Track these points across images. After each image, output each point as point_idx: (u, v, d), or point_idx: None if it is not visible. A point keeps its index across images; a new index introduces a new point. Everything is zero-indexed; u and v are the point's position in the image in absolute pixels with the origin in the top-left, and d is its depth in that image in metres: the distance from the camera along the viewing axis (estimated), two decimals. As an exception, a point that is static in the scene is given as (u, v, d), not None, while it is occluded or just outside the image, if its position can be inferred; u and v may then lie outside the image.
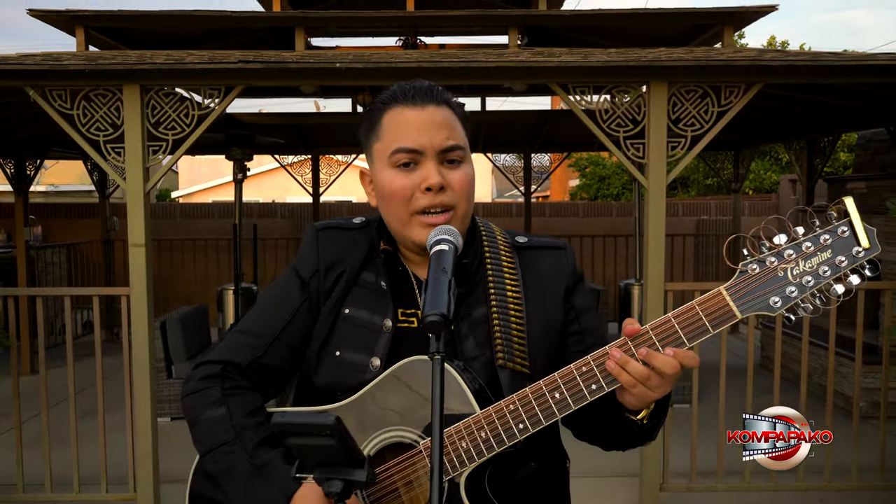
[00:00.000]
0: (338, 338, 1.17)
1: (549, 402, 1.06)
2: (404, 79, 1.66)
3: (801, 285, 1.00)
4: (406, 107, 1.16)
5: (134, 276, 3.42)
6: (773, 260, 1.02)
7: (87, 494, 3.61)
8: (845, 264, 0.99)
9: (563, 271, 1.26)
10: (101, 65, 3.24)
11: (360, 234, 1.24)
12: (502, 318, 1.17)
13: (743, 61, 3.29)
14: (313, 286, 1.22)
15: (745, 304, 1.02)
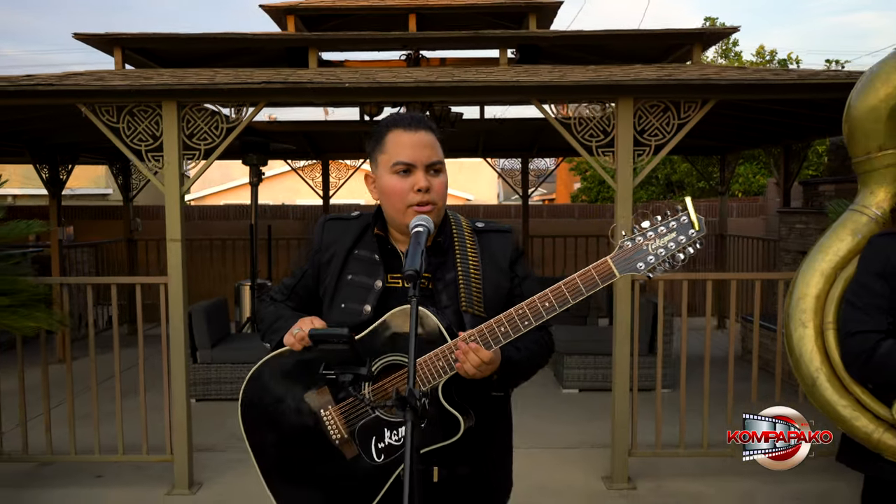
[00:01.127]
0: (342, 294, 1.69)
1: (497, 333, 1.56)
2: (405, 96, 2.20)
3: (657, 255, 1.50)
4: (404, 131, 1.67)
5: (171, 267, 3.94)
6: (640, 239, 1.52)
7: (130, 456, 4.15)
8: (684, 241, 1.50)
9: (508, 248, 1.77)
10: (144, 85, 3.77)
11: (353, 223, 1.76)
12: (465, 279, 1.68)
13: (697, 80, 3.79)
14: (315, 259, 1.78)
15: (621, 267, 1.52)
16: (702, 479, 4.07)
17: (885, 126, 2.21)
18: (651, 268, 1.51)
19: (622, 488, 4.00)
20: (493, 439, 1.75)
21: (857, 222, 2.19)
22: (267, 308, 1.86)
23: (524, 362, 1.69)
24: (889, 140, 2.20)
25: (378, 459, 1.58)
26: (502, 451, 1.80)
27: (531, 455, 4.48)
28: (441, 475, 1.66)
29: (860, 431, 1.95)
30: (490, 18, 5.96)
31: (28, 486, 4.08)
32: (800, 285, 2.16)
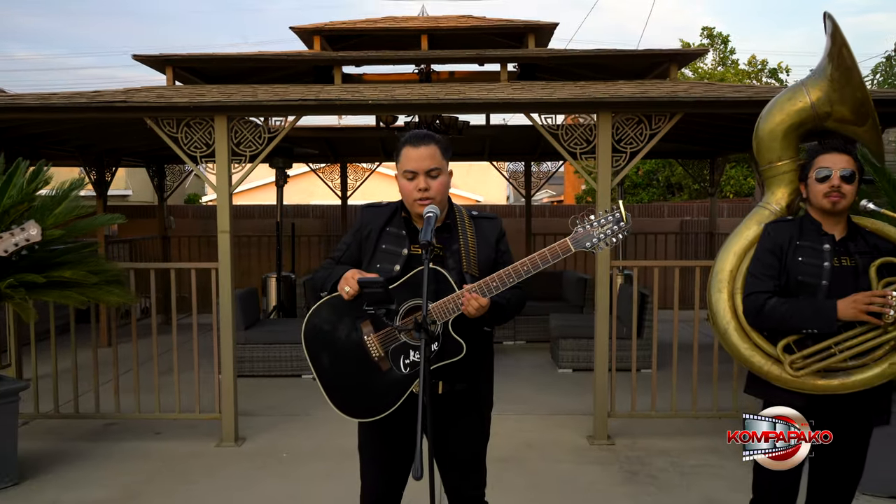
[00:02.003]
0: (377, 259, 2.38)
1: (491, 287, 2.23)
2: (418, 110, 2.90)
3: (599, 237, 2.19)
4: (412, 147, 2.37)
5: (221, 254, 4.68)
6: (588, 227, 2.21)
7: (185, 414, 4.89)
8: (617, 229, 2.19)
9: (495, 231, 2.46)
10: (199, 102, 4.51)
11: (385, 209, 2.46)
12: (465, 250, 2.37)
13: (665, 98, 4.49)
14: (357, 234, 2.47)
15: (576, 245, 2.20)
16: (670, 438, 4.75)
17: (780, 143, 2.87)
18: (595, 245, 2.22)
19: (602, 444, 4.69)
20: (482, 364, 2.44)
21: (762, 215, 2.86)
22: (324, 271, 2.53)
23: (507, 308, 2.37)
24: (784, 153, 2.87)
25: (405, 371, 2.28)
26: (488, 373, 2.49)
27: (525, 419, 5.19)
28: (444, 389, 2.36)
29: (756, 366, 2.62)
30: (494, 37, 6.67)
31: (100, 440, 4.82)
32: (718, 262, 2.84)
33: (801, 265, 2.52)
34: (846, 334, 2.41)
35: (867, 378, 2.41)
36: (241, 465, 4.40)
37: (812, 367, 2.43)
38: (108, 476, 4.20)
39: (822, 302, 2.43)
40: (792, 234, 2.59)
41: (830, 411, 2.48)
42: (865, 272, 2.47)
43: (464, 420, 2.39)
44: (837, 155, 2.53)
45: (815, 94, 2.82)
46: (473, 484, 2.48)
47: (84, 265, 3.99)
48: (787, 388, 2.50)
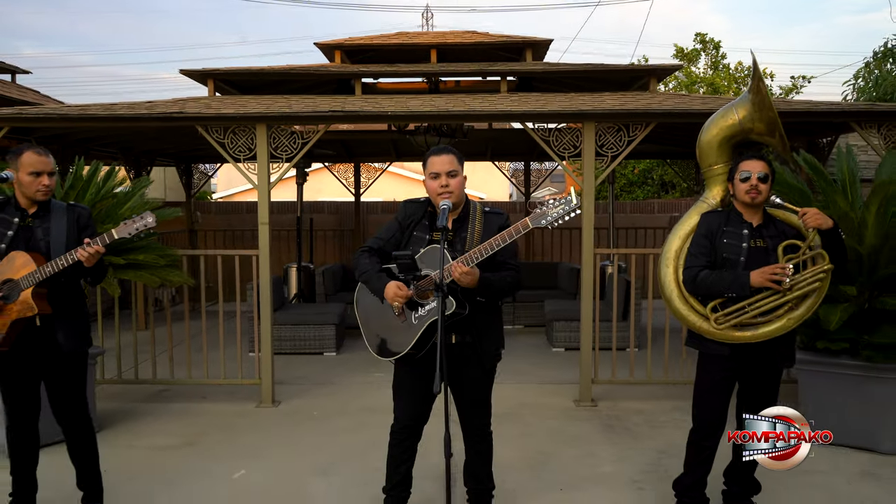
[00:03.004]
0: (411, 242, 3.14)
1: (472, 257, 2.96)
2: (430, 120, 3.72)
3: (553, 216, 2.92)
4: (435, 156, 3.15)
5: (261, 242, 5.48)
6: (544, 208, 2.95)
7: (229, 380, 5.70)
8: (567, 209, 2.92)
9: (499, 223, 3.19)
10: (244, 112, 5.30)
11: (421, 204, 3.21)
12: (471, 236, 3.12)
13: (640, 110, 5.26)
14: (402, 223, 3.20)
15: (533, 222, 2.92)
16: (645, 401, 5.54)
17: (716, 151, 3.64)
18: (549, 223, 2.91)
19: (587, 405, 5.48)
20: (485, 326, 3.16)
21: (701, 207, 3.62)
22: (363, 259, 3.21)
23: (495, 282, 3.06)
24: (718, 159, 3.63)
25: (415, 322, 3.06)
26: (494, 331, 3.21)
27: (521, 387, 5.99)
28: (456, 340, 3.14)
29: (691, 323, 3.38)
30: (496, 51, 7.46)
31: (156, 402, 5.63)
32: (667, 244, 3.61)
33: (725, 246, 3.31)
34: (755, 297, 3.20)
35: (771, 330, 3.19)
36: (279, 421, 5.21)
37: (730, 322, 3.22)
38: (169, 429, 5.00)
39: (739, 273, 3.22)
40: (720, 222, 3.38)
41: (748, 356, 3.27)
42: (774, 251, 3.25)
43: (469, 366, 3.16)
44: (755, 161, 3.31)
45: (741, 114, 3.62)
46: (481, 415, 3.27)
47: (152, 251, 4.79)
48: (714, 339, 3.29)
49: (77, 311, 3.27)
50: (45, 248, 3.15)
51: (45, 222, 3.21)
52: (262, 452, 4.55)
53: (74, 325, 3.22)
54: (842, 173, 4.77)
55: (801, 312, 3.19)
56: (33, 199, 3.19)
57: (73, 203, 3.36)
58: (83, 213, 3.32)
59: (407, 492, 3.37)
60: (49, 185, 3.19)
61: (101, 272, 3.25)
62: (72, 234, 3.20)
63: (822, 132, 6.44)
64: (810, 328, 4.42)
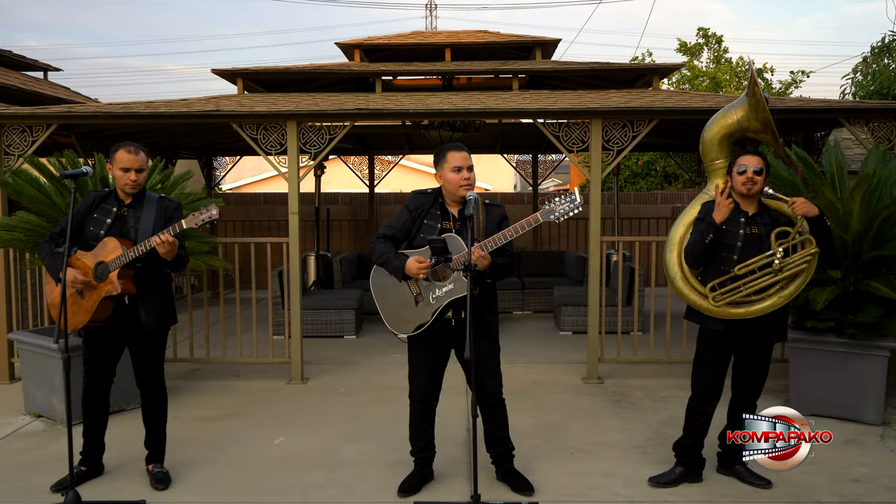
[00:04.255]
0: (422, 230, 3.53)
1: (488, 245, 3.36)
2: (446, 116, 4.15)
3: (560, 212, 3.32)
4: (455, 151, 3.54)
5: (291, 230, 5.88)
6: (552, 205, 3.35)
7: (261, 359, 6.13)
8: (572, 206, 3.33)
9: (499, 214, 3.60)
10: (276, 110, 5.70)
11: (429, 195, 3.60)
12: (477, 226, 3.50)
13: (644, 107, 5.65)
14: (412, 213, 3.58)
15: (543, 216, 3.32)
16: (648, 378, 5.95)
17: (717, 147, 4.06)
18: (556, 217, 3.32)
19: (594, 383, 5.90)
20: (488, 305, 3.57)
21: (703, 198, 4.04)
22: (379, 244, 3.57)
23: (502, 266, 3.48)
24: (719, 154, 4.04)
25: (432, 302, 3.47)
26: (493, 310, 3.62)
27: (530, 367, 6.41)
28: (464, 316, 3.53)
29: (692, 301, 3.78)
30: (507, 49, 7.84)
31: (192, 380, 6.07)
32: (672, 231, 4.03)
33: (724, 232, 3.69)
34: (750, 277, 3.59)
35: (763, 307, 3.59)
36: (309, 395, 5.64)
37: (727, 299, 3.61)
38: (209, 402, 5.43)
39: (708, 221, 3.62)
40: None
41: (743, 331, 3.67)
42: (768, 237, 3.63)
43: (479, 337, 3.57)
44: (752, 156, 3.68)
45: (739, 114, 4.02)
46: (493, 380, 3.68)
47: (195, 238, 5.21)
48: (712, 315, 3.70)
49: (160, 293, 3.69)
50: (134, 235, 3.58)
51: (138, 212, 3.65)
52: (297, 422, 4.97)
53: (157, 306, 3.65)
54: (830, 166, 5.15)
55: (791, 291, 3.59)
56: (124, 191, 3.62)
57: (164, 195, 3.80)
58: (170, 205, 3.75)
59: (432, 451, 3.81)
60: (136, 180, 3.62)
61: (179, 261, 3.66)
62: (158, 223, 3.63)
63: (816, 127, 6.82)
64: (800, 309, 4.82)
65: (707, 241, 3.61)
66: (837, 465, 4.13)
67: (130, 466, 4.05)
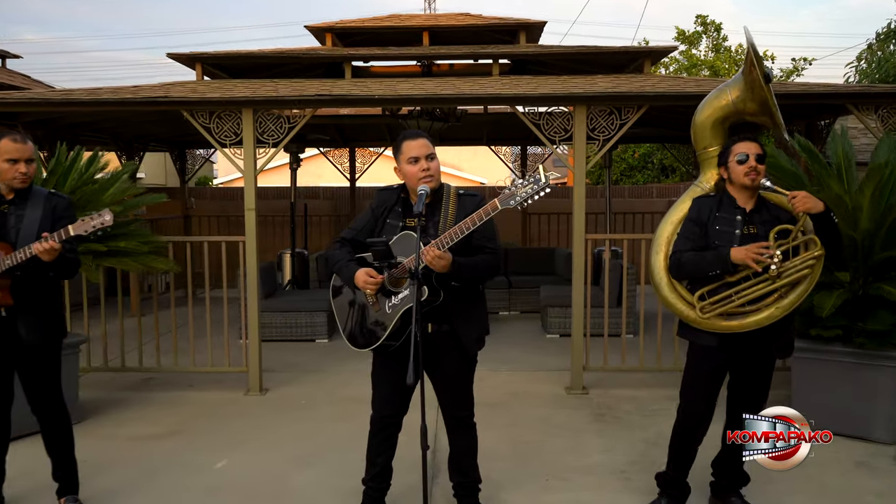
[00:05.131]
0: (384, 230, 3.05)
1: (443, 242, 2.86)
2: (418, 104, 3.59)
3: (522, 196, 2.80)
4: (411, 140, 3.05)
5: (248, 228, 5.39)
6: (513, 188, 2.83)
7: (216, 367, 5.65)
8: (536, 188, 2.80)
9: (474, 205, 3.11)
10: (230, 97, 5.20)
11: (394, 191, 3.12)
12: (444, 221, 3.01)
13: (632, 92, 5.15)
14: (375, 212, 3.12)
15: (502, 203, 2.81)
16: (636, 389, 5.46)
17: (710, 133, 3.56)
18: (517, 203, 2.81)
19: (578, 393, 5.41)
20: (463, 313, 3.07)
21: (695, 192, 3.54)
22: (335, 249, 3.14)
23: (469, 266, 2.95)
24: (713, 141, 3.54)
25: (389, 311, 2.98)
26: (476, 317, 3.12)
27: (513, 374, 5.92)
28: (433, 328, 3.06)
29: (679, 311, 3.30)
30: (490, 33, 7.32)
31: (143, 391, 5.58)
32: (658, 230, 3.52)
33: (717, 233, 3.19)
34: (742, 285, 3.10)
35: (759, 319, 3.10)
36: (266, 408, 5.16)
37: (716, 311, 3.12)
38: (154, 417, 4.95)
39: (721, 249, 3.11)
40: (712, 208, 3.26)
41: (739, 346, 3.18)
42: (766, 237, 3.14)
43: (449, 355, 3.07)
44: (750, 143, 3.18)
45: (734, 94, 3.52)
46: (462, 405, 3.19)
47: (135, 237, 4.72)
48: (701, 328, 3.20)
49: (43, 304, 3.18)
50: (15, 237, 3.07)
51: (21, 210, 3.12)
52: (245, 441, 4.50)
53: (39, 318, 3.14)
54: (836, 156, 4.66)
55: (791, 300, 3.10)
56: (11, 185, 3.11)
57: (54, 191, 3.27)
58: (61, 202, 3.22)
59: (386, 483, 3.31)
60: (26, 172, 3.10)
61: (66, 267, 3.12)
62: (45, 223, 3.11)
63: (820, 115, 6.31)
64: (804, 315, 4.33)
65: (711, 274, 3.15)
66: (847, 493, 3.67)
67: (40, 497, 3.57)
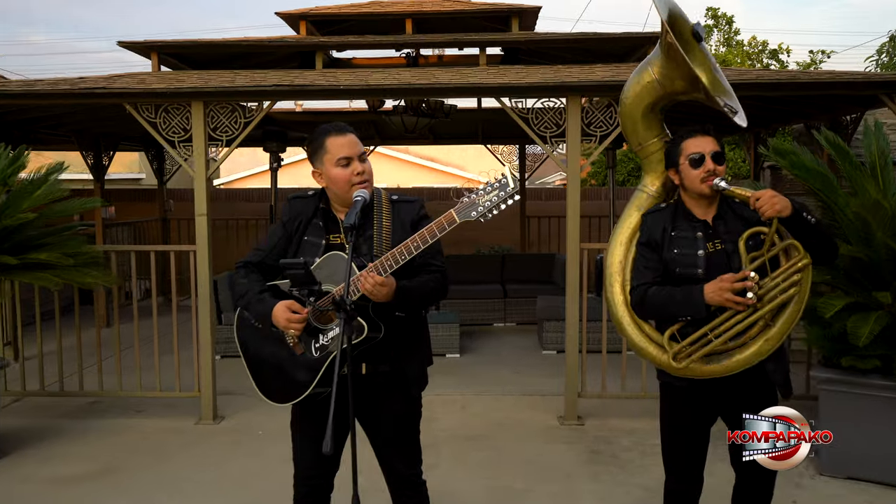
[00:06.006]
0: (302, 250, 2.41)
1: (385, 265, 2.22)
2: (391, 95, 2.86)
3: (484, 206, 2.17)
4: (338, 135, 2.41)
5: (199, 237, 4.79)
6: (473, 196, 2.18)
7: (165, 393, 5.03)
8: (503, 195, 2.17)
9: (413, 213, 2.46)
10: (176, 88, 4.59)
11: (310, 200, 2.49)
12: (378, 235, 2.34)
13: (633, 81, 4.50)
14: (288, 227, 2.47)
15: (461, 215, 2.18)
16: (640, 419, 4.80)
17: (642, 123, 2.72)
18: (480, 214, 2.18)
19: (572, 424, 4.77)
20: (408, 348, 2.44)
21: (640, 199, 2.76)
22: (240, 277, 2.49)
23: (415, 290, 2.33)
24: (648, 133, 2.72)
25: (315, 355, 2.35)
26: (418, 356, 2.50)
27: (498, 400, 5.28)
28: (368, 370, 2.40)
29: (649, 356, 2.56)
30: (480, 21, 6.67)
31: (84, 418, 4.98)
32: (608, 255, 2.72)
33: (676, 258, 2.50)
34: (718, 319, 2.40)
35: (746, 357, 2.41)
36: (216, 441, 4.54)
37: (695, 356, 2.43)
38: (88, 451, 4.35)
39: (692, 289, 2.43)
40: (665, 226, 2.56)
41: (720, 389, 2.52)
42: (737, 251, 2.44)
43: (389, 400, 2.45)
44: (702, 138, 2.51)
45: (656, 71, 2.65)
46: (407, 462, 2.55)
47: (61, 248, 4.12)
48: (679, 375, 2.53)
49: None
50: None
51: None
52: (183, 484, 3.89)
53: None
54: (871, 154, 3.99)
55: (780, 329, 2.40)
56: None
57: None
58: None
59: None
60: None
61: None
62: None
63: (846, 108, 5.63)
64: (834, 342, 3.69)
65: (681, 319, 2.48)
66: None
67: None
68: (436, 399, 5.27)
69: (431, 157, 27.42)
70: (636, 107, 2.75)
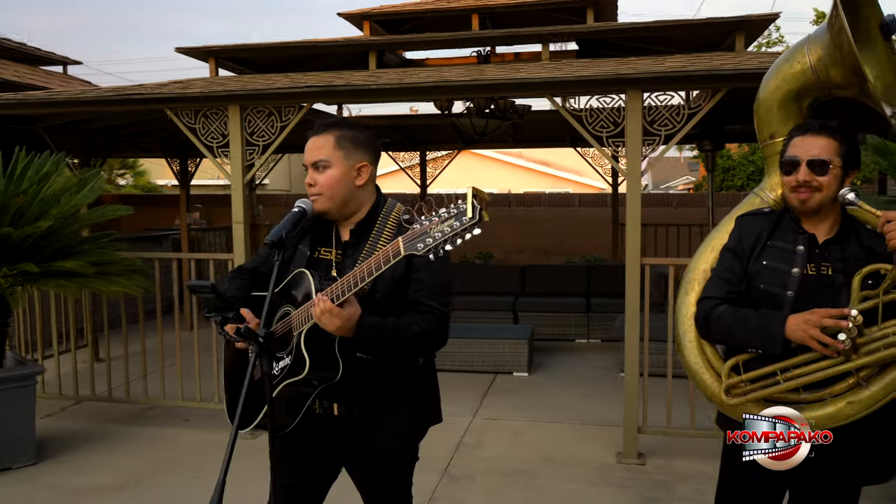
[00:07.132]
0: (294, 261, 2.09)
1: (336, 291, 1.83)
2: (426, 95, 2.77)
3: (434, 237, 1.66)
4: (311, 138, 2.08)
5: (236, 244, 4.65)
6: (426, 223, 1.67)
7: (205, 403, 4.93)
8: (458, 226, 1.62)
9: None
10: (212, 91, 4.47)
11: None
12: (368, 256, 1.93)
13: (703, 71, 3.89)
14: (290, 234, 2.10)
15: (407, 247, 1.70)
16: (705, 460, 4.14)
17: (777, 115, 2.30)
18: (428, 248, 1.67)
19: (631, 463, 4.20)
20: (388, 397, 2.05)
21: (753, 203, 2.32)
22: (223, 286, 2.19)
23: (388, 330, 1.93)
24: (781, 128, 2.29)
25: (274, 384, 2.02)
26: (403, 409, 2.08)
27: (555, 428, 4.78)
28: (340, 411, 2.06)
29: (702, 384, 2.12)
30: (551, 13, 6.19)
31: (131, 424, 4.97)
32: (694, 259, 2.35)
33: (764, 270, 2.02)
34: (797, 359, 1.90)
35: (818, 417, 1.90)
36: (250, 453, 4.32)
37: (751, 396, 1.96)
38: (120, 461, 4.29)
39: (771, 317, 1.93)
40: (761, 232, 2.09)
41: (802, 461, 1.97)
42: (848, 285, 1.92)
43: (363, 452, 2.10)
44: (811, 138, 2.00)
45: (813, 56, 2.25)
46: None
47: (90, 255, 4.07)
48: (727, 414, 2.04)
49: None
50: None
51: None
52: (202, 500, 3.70)
53: None
54: None
55: (872, 394, 1.87)
56: None
57: None
58: None
59: None
60: None
61: None
62: None
63: None
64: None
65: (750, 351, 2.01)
66: None
67: None
68: (488, 424, 4.86)
69: (544, 161, 26.73)
70: (776, 94, 2.33)
